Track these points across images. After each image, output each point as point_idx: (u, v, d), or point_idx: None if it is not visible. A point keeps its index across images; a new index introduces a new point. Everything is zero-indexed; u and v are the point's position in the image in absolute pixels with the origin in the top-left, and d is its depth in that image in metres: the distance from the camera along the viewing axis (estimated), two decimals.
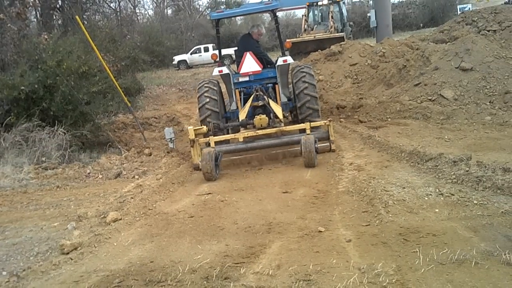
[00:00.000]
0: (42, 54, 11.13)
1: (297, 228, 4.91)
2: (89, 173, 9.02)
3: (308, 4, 26.42)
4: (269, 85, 9.29)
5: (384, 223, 4.69)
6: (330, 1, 26.34)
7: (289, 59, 9.11)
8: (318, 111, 9.09)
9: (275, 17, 9.81)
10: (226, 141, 8.52)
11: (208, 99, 8.94)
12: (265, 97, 8.65)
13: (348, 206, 5.39)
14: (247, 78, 9.14)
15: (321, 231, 4.70)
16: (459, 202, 4.99)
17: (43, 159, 9.55)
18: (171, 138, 10.43)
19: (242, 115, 8.49)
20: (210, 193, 6.64)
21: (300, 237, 4.65)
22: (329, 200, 5.74)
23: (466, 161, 6.05)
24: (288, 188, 6.42)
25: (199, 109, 9.15)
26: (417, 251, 3.99)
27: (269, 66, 9.50)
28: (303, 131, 8.04)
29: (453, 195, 5.18)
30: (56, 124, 10.18)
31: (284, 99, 9.45)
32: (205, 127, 8.48)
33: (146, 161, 9.61)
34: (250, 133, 8.13)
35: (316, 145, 7.52)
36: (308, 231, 4.75)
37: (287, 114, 9.36)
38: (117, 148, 11.03)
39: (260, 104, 8.53)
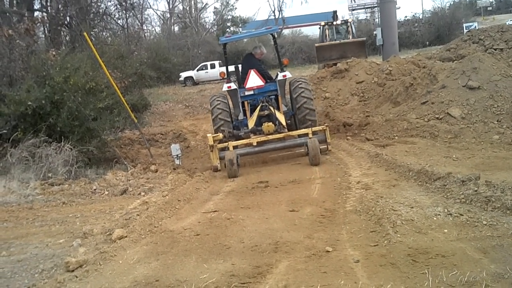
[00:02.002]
0: (49, 70, 11.22)
1: (304, 247, 4.84)
2: (95, 189, 9.01)
3: (323, 23, 28.97)
4: (272, 97, 10.54)
5: (393, 243, 4.62)
6: (343, 21, 29.71)
7: (288, 74, 10.60)
8: (316, 122, 10.32)
9: (274, 38, 11.47)
10: (235, 146, 9.41)
11: (220, 110, 10.24)
12: (270, 107, 9.73)
13: (356, 226, 5.32)
14: (252, 92, 10.44)
15: (328, 251, 4.62)
16: (468, 222, 4.90)
17: (50, 174, 9.56)
18: (177, 155, 10.50)
19: (251, 123, 9.68)
20: (216, 211, 6.58)
21: (307, 257, 4.57)
22: (337, 219, 5.67)
23: (474, 180, 5.97)
24: (295, 207, 6.34)
25: (213, 120, 10.47)
26: (426, 273, 3.91)
27: (269, 80, 10.79)
28: (305, 135, 9.16)
29: (462, 215, 5.09)
30: (63, 139, 10.21)
31: (284, 108, 10.70)
32: (221, 134, 9.62)
33: (152, 178, 9.60)
34: (262, 138, 9.32)
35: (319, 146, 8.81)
36: (316, 251, 4.68)
37: (289, 122, 10.37)
38: (123, 164, 11.05)
39: (266, 113, 9.70)
